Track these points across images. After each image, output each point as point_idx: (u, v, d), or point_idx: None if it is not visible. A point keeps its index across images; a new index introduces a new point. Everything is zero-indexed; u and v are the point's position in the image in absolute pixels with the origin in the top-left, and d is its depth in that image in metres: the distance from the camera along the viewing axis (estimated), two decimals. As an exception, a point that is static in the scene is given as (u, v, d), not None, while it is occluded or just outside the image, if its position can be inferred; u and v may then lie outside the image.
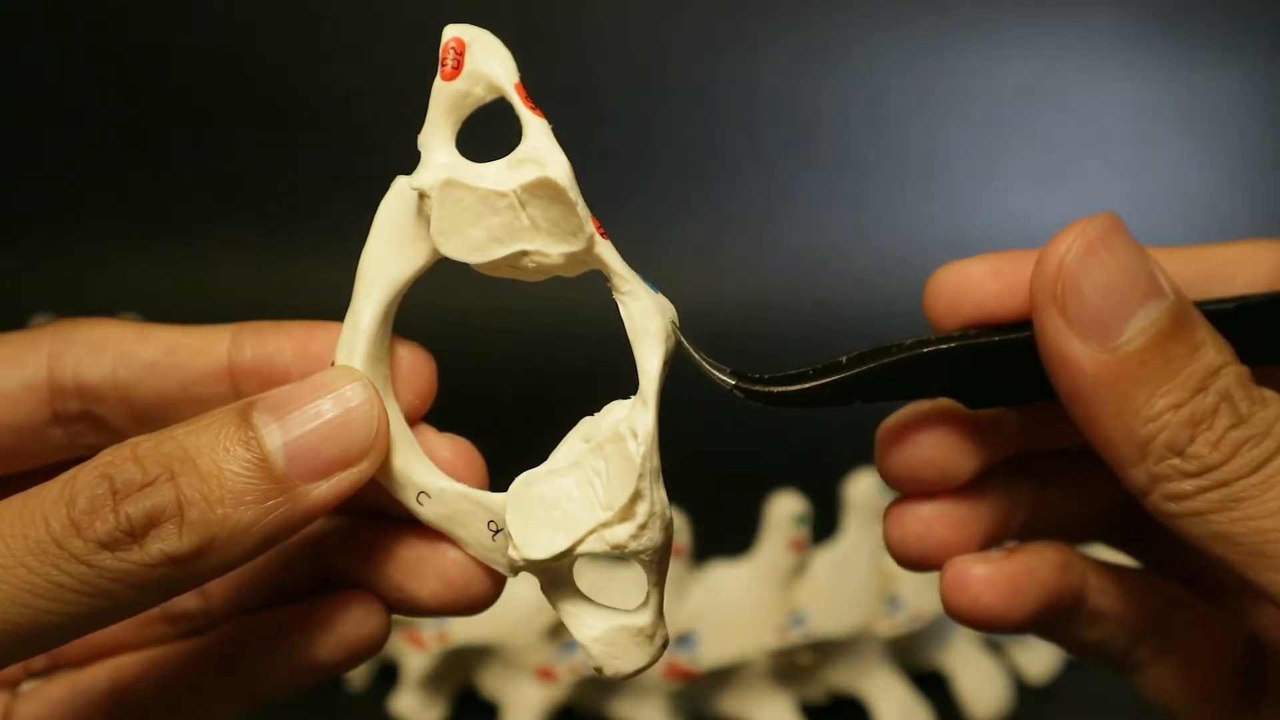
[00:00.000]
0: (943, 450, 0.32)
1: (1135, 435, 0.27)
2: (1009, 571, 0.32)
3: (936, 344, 0.30)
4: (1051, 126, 0.96)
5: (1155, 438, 0.27)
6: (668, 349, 0.29)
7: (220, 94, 1.01)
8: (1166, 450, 0.27)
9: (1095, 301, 0.27)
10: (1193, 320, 0.27)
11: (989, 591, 0.31)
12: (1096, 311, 0.27)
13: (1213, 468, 0.26)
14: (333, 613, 0.31)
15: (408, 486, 0.30)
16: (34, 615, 0.25)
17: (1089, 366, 0.27)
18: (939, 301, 0.31)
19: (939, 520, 0.32)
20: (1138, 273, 0.27)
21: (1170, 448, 0.27)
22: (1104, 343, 0.27)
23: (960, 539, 0.32)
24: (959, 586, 0.32)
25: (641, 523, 0.28)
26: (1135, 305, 0.27)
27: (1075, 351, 0.27)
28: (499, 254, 0.29)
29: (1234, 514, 0.26)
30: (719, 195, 0.98)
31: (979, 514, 0.32)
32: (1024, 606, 0.32)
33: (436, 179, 0.28)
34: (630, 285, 0.28)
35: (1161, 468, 0.27)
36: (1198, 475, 0.27)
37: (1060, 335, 0.27)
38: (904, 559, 0.33)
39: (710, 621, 0.60)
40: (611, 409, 0.29)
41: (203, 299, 0.95)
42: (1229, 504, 0.26)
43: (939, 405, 0.32)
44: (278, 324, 0.31)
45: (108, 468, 0.26)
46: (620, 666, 0.29)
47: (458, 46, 0.28)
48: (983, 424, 0.32)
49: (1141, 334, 0.27)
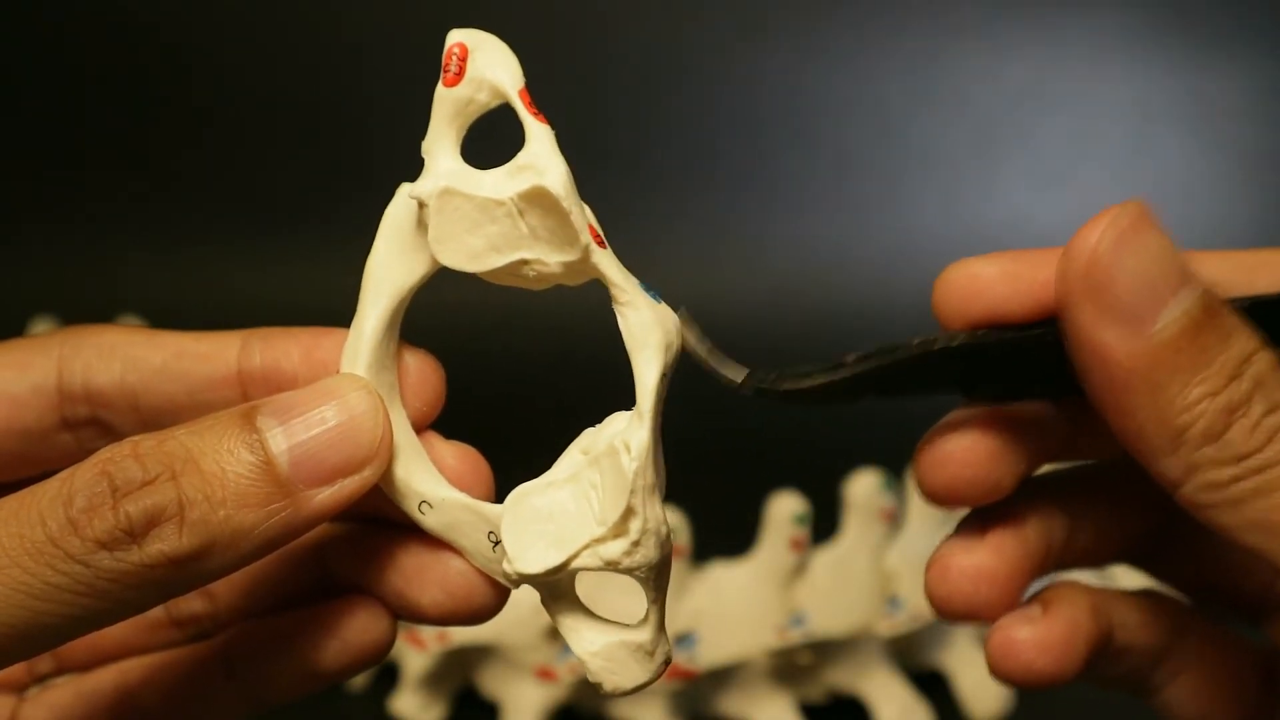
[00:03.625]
0: (984, 468, 0.31)
1: (1171, 424, 0.26)
2: (1058, 631, 0.32)
3: (947, 340, 0.30)
4: (1051, 126, 0.96)
5: (1192, 426, 0.26)
6: (667, 361, 0.28)
7: (222, 94, 1.01)
8: (1202, 438, 0.26)
9: (1129, 290, 0.27)
10: (1223, 308, 0.27)
11: (1042, 656, 0.31)
12: (1130, 300, 0.27)
13: (1249, 454, 0.26)
14: (338, 618, 0.31)
15: (410, 495, 0.29)
16: (31, 616, 0.25)
17: (1123, 356, 0.27)
18: (949, 301, 0.31)
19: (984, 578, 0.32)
20: (1170, 261, 0.27)
21: (1206, 436, 0.26)
22: (1138, 331, 0.26)
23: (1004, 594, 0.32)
24: (1009, 654, 0.31)
25: (635, 539, 0.27)
26: (1168, 294, 0.26)
27: (1109, 341, 0.27)
28: (498, 263, 0.28)
29: (1271, 500, 0.26)
30: (719, 195, 0.98)
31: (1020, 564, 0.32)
32: (1076, 662, 0.32)
33: (434, 187, 0.28)
34: (629, 295, 0.28)
35: (1198, 456, 0.26)
36: (1234, 463, 0.26)
37: (1094, 325, 0.27)
38: (950, 615, 0.32)
39: (710, 621, 0.60)
40: (612, 421, 0.28)
41: (203, 300, 0.95)
42: (1266, 490, 0.26)
43: (973, 419, 0.32)
44: (285, 330, 0.31)
45: (108, 465, 0.25)
46: (620, 683, 0.29)
47: (460, 52, 0.28)
48: (1019, 435, 0.32)
49: (1175, 323, 0.26)
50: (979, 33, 0.96)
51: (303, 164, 0.99)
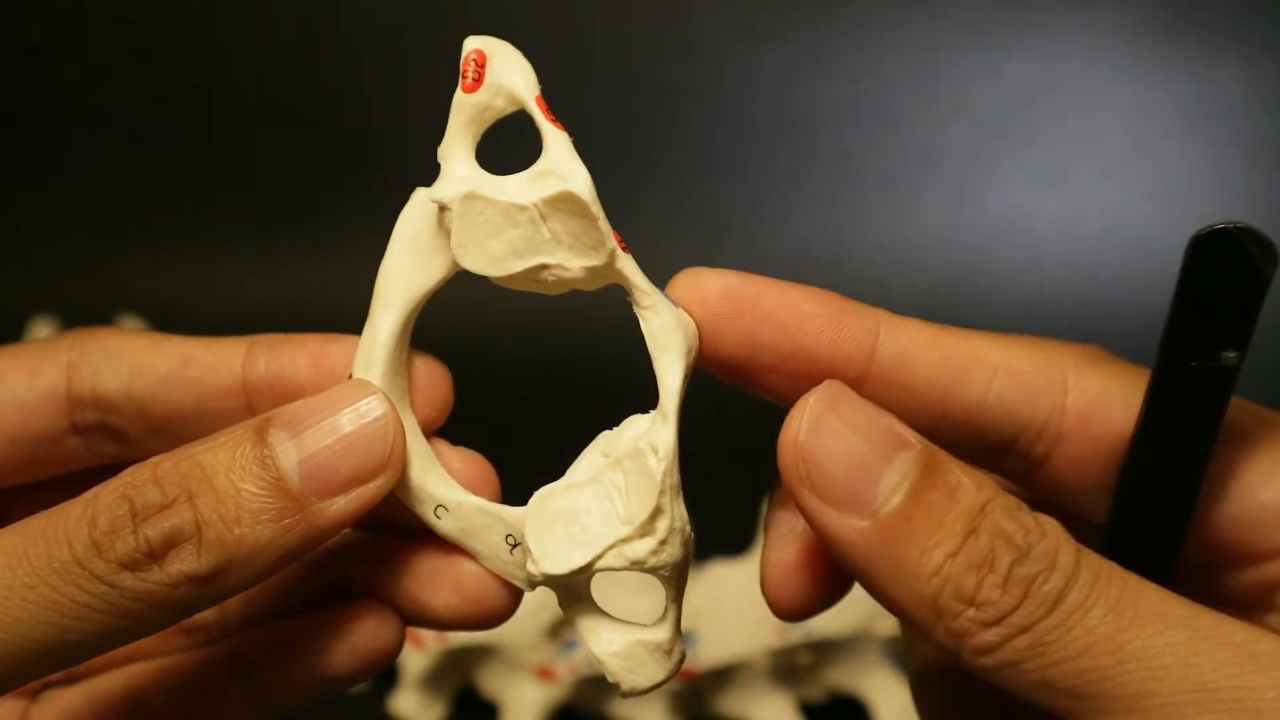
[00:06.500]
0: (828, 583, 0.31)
1: (923, 595, 0.25)
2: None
3: None
4: (1051, 126, 0.96)
5: (941, 592, 0.25)
6: (688, 364, 0.28)
7: (224, 94, 1.01)
8: (957, 603, 0.25)
9: (840, 472, 0.26)
10: (944, 463, 0.26)
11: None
12: (845, 482, 0.26)
13: (1009, 611, 0.25)
14: (346, 622, 0.31)
15: (425, 500, 0.30)
16: (58, 633, 0.25)
17: (857, 538, 0.26)
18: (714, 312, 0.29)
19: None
20: (874, 431, 0.26)
21: (959, 599, 0.25)
22: (863, 511, 0.26)
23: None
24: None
25: (662, 538, 0.28)
26: (882, 464, 0.26)
27: (838, 526, 0.26)
28: (519, 267, 0.28)
29: (1046, 659, 0.24)
30: (719, 195, 0.98)
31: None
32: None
33: (457, 191, 0.28)
34: (651, 300, 0.28)
35: (959, 623, 0.25)
36: (997, 623, 0.25)
37: (820, 514, 0.26)
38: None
39: (710, 621, 0.60)
40: (631, 423, 0.29)
41: (204, 300, 0.96)
42: (1038, 650, 0.24)
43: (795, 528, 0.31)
44: (291, 337, 0.31)
45: (128, 489, 0.26)
46: (638, 682, 0.29)
47: (479, 59, 0.28)
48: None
49: (896, 490, 0.26)
50: (979, 33, 0.96)
51: (304, 165, 0.99)
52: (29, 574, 0.25)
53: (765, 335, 0.29)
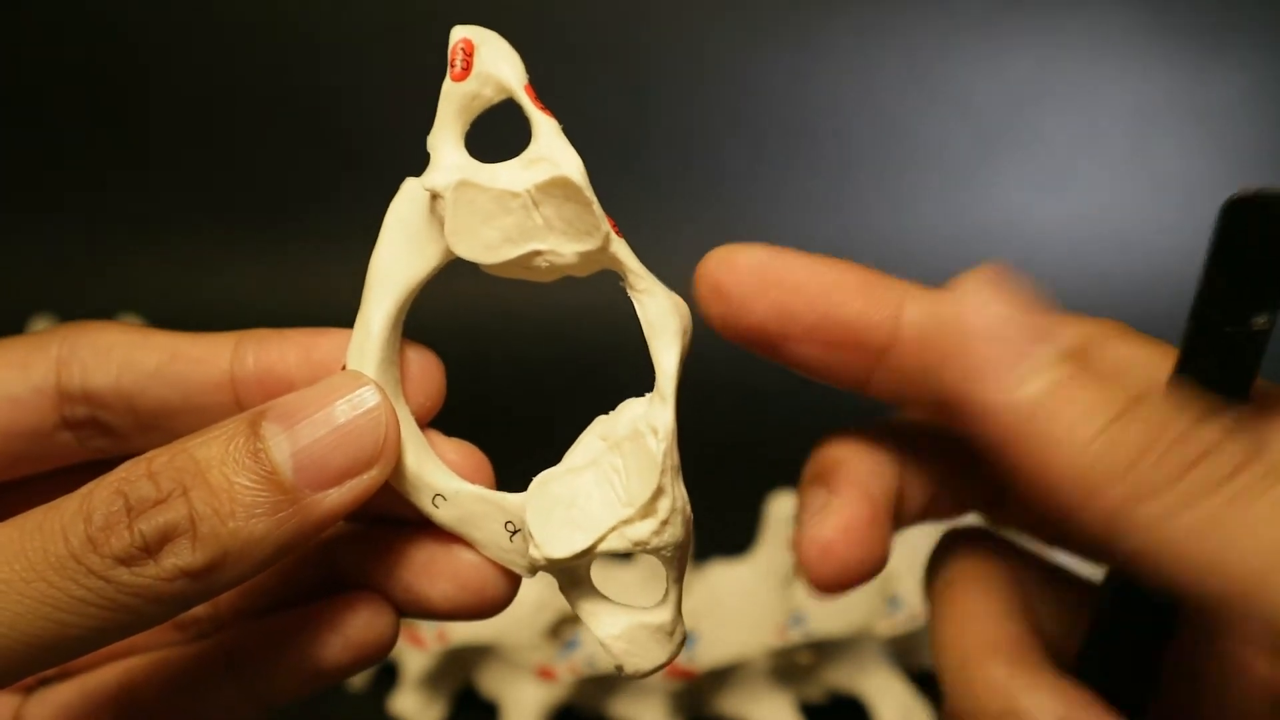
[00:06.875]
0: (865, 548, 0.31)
1: (1083, 463, 0.25)
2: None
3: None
4: (1051, 126, 0.96)
5: (1106, 458, 0.25)
6: (684, 346, 0.29)
7: (219, 92, 1.01)
8: (1125, 468, 0.25)
9: (1003, 344, 0.26)
10: (1103, 345, 0.27)
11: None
12: (1010, 351, 0.26)
13: (1181, 476, 0.24)
14: (340, 614, 0.31)
15: (423, 489, 0.30)
16: (55, 629, 0.25)
17: (1019, 404, 0.26)
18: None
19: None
20: (1032, 310, 0.27)
21: (1127, 464, 0.25)
22: (1025, 378, 0.26)
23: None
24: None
25: (663, 519, 0.28)
26: (1042, 339, 0.26)
27: (996, 397, 0.26)
28: (512, 254, 0.28)
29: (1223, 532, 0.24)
30: (719, 195, 0.98)
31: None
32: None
33: (450, 179, 0.28)
34: (646, 283, 0.28)
35: (1121, 490, 0.25)
36: (1170, 486, 0.24)
37: (977, 384, 0.26)
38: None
39: (710, 621, 0.60)
40: (628, 406, 0.29)
41: (203, 299, 0.96)
42: (1210, 520, 0.24)
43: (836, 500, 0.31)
44: (279, 332, 0.31)
45: (123, 484, 0.26)
46: (640, 664, 0.29)
47: (466, 48, 0.28)
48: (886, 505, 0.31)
49: (1060, 361, 0.26)
50: (980, 32, 0.96)
51: (302, 162, 1.00)
52: (25, 569, 0.25)
53: (795, 306, 0.29)
